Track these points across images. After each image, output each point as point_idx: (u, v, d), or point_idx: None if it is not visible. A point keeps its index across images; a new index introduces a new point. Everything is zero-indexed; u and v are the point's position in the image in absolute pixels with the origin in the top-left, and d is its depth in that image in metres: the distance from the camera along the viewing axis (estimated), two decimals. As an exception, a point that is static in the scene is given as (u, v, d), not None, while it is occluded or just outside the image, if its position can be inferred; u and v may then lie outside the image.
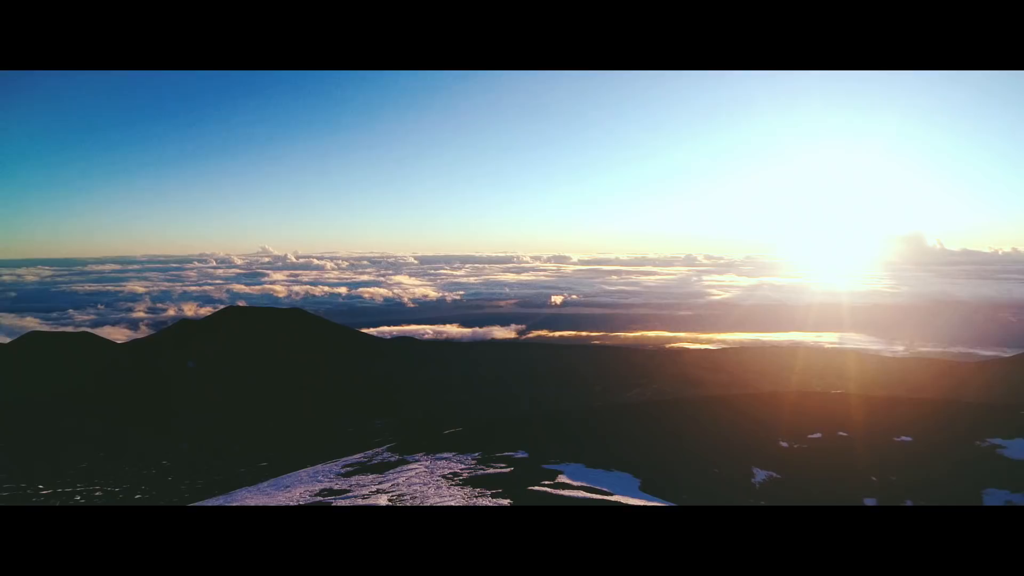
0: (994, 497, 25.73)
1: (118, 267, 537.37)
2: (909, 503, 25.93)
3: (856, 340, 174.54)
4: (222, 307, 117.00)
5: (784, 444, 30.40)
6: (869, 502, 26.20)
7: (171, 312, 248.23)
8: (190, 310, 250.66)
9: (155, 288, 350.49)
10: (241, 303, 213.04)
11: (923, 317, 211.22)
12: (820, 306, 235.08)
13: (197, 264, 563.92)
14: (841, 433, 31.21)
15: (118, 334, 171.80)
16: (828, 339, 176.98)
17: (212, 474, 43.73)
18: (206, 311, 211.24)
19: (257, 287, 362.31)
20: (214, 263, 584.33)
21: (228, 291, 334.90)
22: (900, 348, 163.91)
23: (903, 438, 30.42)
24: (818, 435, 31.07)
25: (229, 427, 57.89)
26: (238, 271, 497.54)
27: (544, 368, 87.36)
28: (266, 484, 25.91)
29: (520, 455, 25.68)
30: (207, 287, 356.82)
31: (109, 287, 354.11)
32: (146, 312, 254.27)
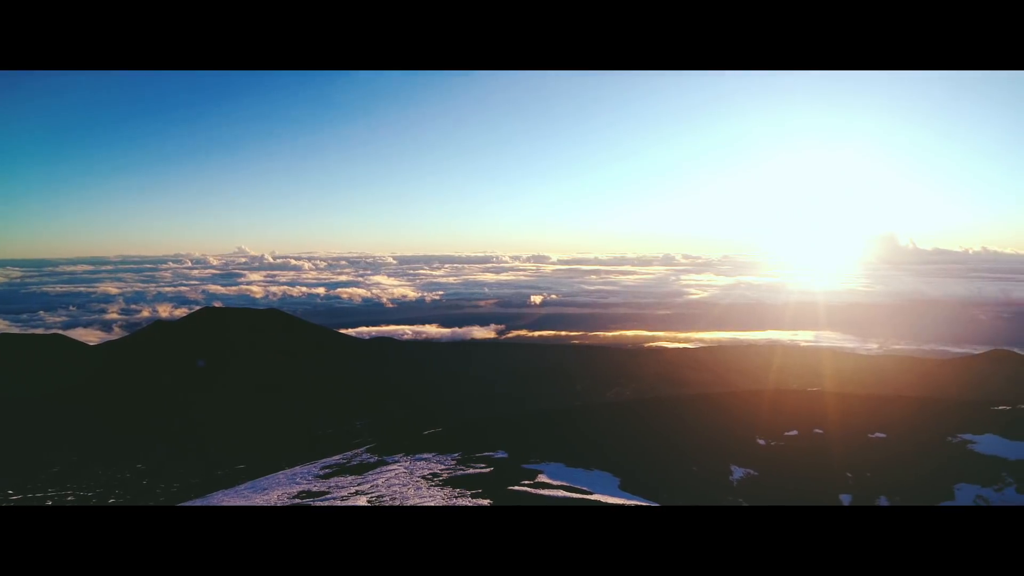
0: (965, 492, 26.24)
1: (90, 268, 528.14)
2: (883, 500, 26.34)
3: (832, 338, 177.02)
4: (198, 308, 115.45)
5: (761, 442, 30.73)
6: (844, 498, 26.57)
7: (145, 313, 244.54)
8: (165, 311, 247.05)
9: (129, 289, 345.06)
10: (217, 304, 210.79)
11: (897, 315, 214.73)
12: (796, 305, 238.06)
13: (172, 265, 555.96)
14: (817, 430, 31.61)
15: (91, 336, 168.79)
16: (804, 337, 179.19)
17: (188, 477, 43.17)
18: (181, 312, 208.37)
19: (234, 288, 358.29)
20: (189, 264, 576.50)
21: (204, 292, 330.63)
22: (874, 346, 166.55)
23: (877, 435, 30.89)
24: (794, 432, 31.44)
25: (206, 429, 57.16)
26: (214, 272, 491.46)
27: (524, 368, 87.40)
28: (244, 487, 25.62)
29: (500, 455, 25.67)
30: (182, 288, 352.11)
31: (81, 288, 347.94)
32: (120, 313, 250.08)
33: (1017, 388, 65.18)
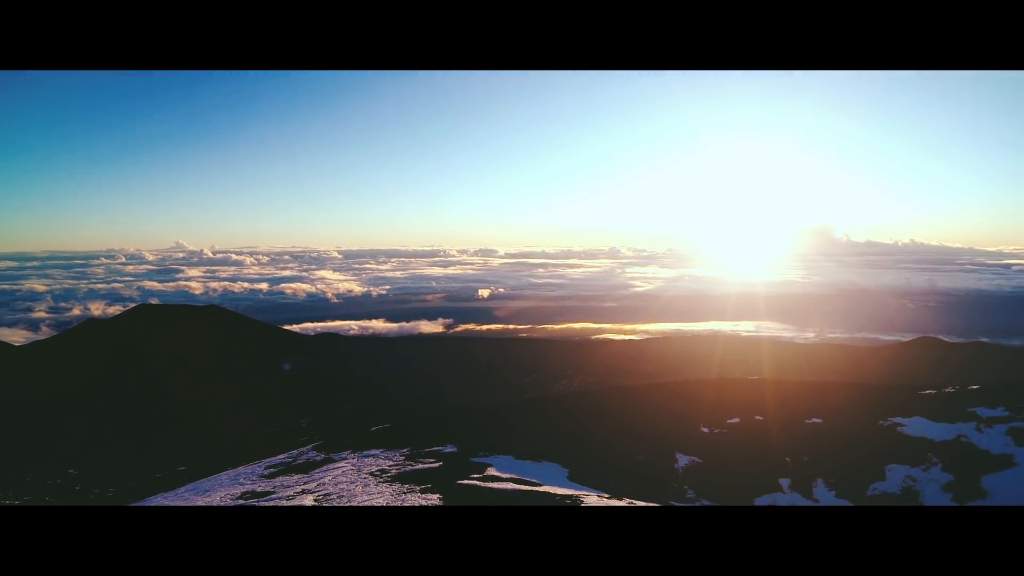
0: (896, 473, 27.50)
1: (14, 264, 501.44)
2: (820, 483, 27.39)
3: (771, 328, 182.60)
4: (133, 305, 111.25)
5: (705, 430, 31.51)
6: (783, 483, 27.51)
7: (76, 312, 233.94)
8: (97, 309, 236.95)
9: (57, 286, 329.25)
10: (154, 301, 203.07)
11: (831, 305, 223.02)
12: (737, 296, 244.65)
13: (104, 260, 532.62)
14: (758, 417, 32.59)
15: (16, 336, 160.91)
16: (745, 327, 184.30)
17: (125, 481, 41.67)
18: (115, 310, 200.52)
19: (171, 284, 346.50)
20: (123, 259, 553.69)
21: (139, 288, 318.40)
22: (811, 335, 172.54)
23: (814, 420, 32.06)
24: (737, 420, 32.35)
25: (143, 432, 55.25)
26: (150, 267, 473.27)
27: (472, 362, 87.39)
28: (184, 489, 24.87)
29: (449, 449, 25.61)
30: (116, 284, 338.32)
31: (5, 286, 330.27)
32: (48, 312, 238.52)
33: (942, 373, 68.60)
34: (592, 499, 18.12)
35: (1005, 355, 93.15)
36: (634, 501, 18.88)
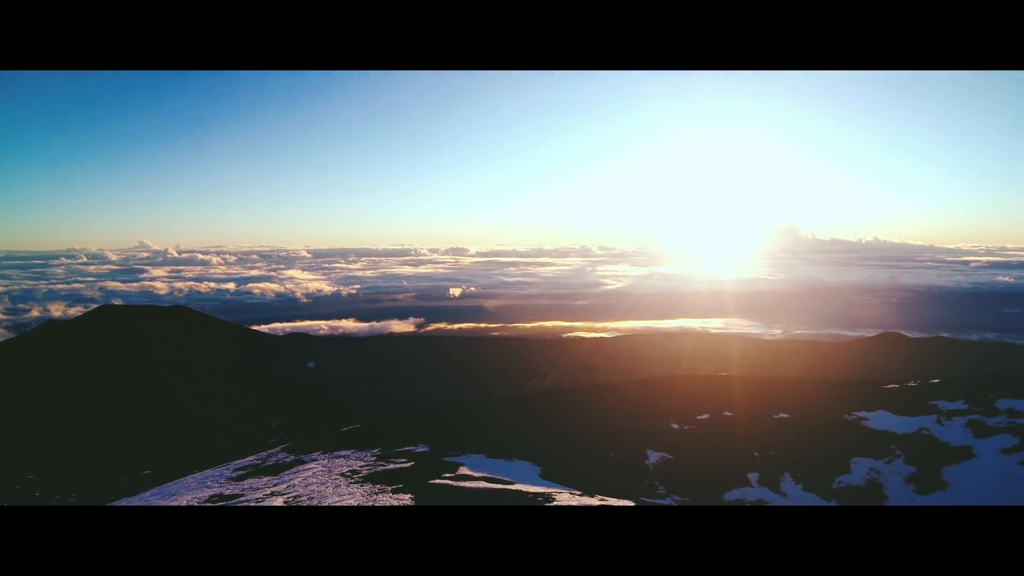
0: (860, 465, 28.07)
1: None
2: (787, 476, 27.84)
3: (739, 325, 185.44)
4: (95, 306, 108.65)
5: (675, 426, 31.82)
6: (752, 477, 27.90)
7: (35, 313, 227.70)
8: (57, 310, 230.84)
9: (15, 287, 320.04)
10: (117, 302, 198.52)
11: (798, 302, 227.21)
12: (706, 293, 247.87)
13: (65, 260, 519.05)
14: (727, 413, 33.01)
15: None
16: (714, 324, 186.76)
17: (87, 486, 40.71)
18: (76, 311, 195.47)
19: (135, 284, 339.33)
20: (85, 259, 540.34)
21: (101, 289, 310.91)
22: (778, 331, 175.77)
23: (781, 415, 32.58)
24: (706, 416, 32.72)
25: (106, 435, 54.01)
26: (113, 267, 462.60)
27: (443, 361, 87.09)
28: (149, 493, 24.36)
29: (421, 449, 25.48)
30: (77, 285, 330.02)
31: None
32: (5, 313, 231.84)
33: (905, 367, 70.28)
34: (564, 496, 18.18)
35: (964, 349, 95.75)
36: (606, 498, 18.99)
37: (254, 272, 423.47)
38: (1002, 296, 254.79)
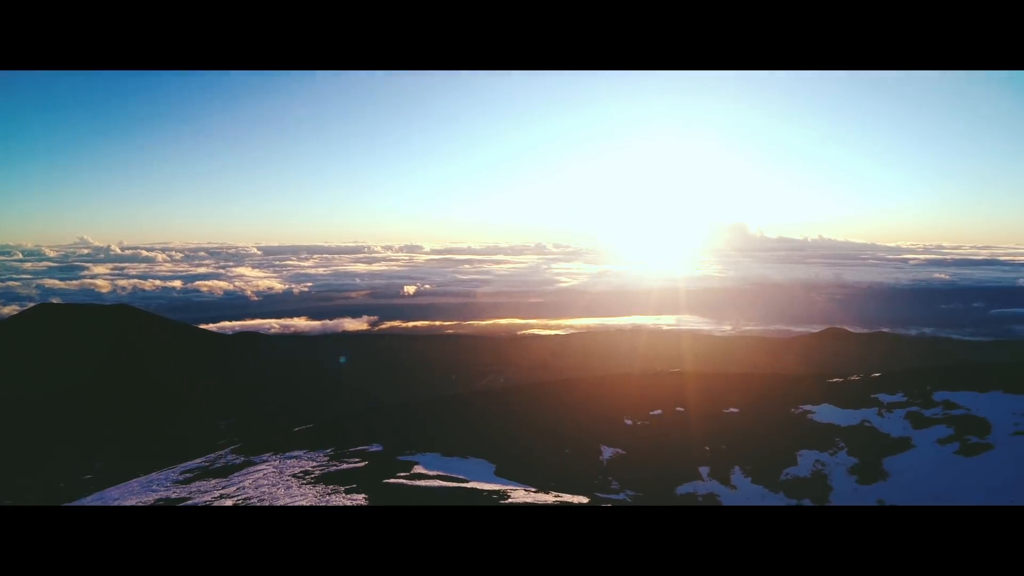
0: (806, 458, 28.91)
1: None
2: (737, 470, 28.48)
3: (690, 321, 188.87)
4: (31, 305, 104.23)
5: (629, 422, 32.23)
6: (703, 470, 28.46)
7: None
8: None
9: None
10: (55, 300, 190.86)
11: (747, 299, 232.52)
12: (659, 291, 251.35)
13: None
14: (679, 408, 33.58)
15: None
16: (666, 321, 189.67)
17: (24, 492, 39.07)
18: (11, 310, 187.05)
19: (75, 282, 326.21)
20: (20, 256, 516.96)
21: (39, 287, 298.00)
22: (728, 327, 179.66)
23: (731, 410, 33.30)
24: (659, 412, 33.23)
25: (43, 440, 51.88)
26: (51, 264, 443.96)
27: (397, 359, 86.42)
28: (90, 499, 23.52)
29: (374, 448, 25.21)
30: (12, 283, 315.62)
31: None
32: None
33: (848, 362, 72.64)
34: (519, 493, 18.23)
35: (904, 344, 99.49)
36: (560, 494, 19.10)
37: (202, 269, 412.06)
38: (939, 292, 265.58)
